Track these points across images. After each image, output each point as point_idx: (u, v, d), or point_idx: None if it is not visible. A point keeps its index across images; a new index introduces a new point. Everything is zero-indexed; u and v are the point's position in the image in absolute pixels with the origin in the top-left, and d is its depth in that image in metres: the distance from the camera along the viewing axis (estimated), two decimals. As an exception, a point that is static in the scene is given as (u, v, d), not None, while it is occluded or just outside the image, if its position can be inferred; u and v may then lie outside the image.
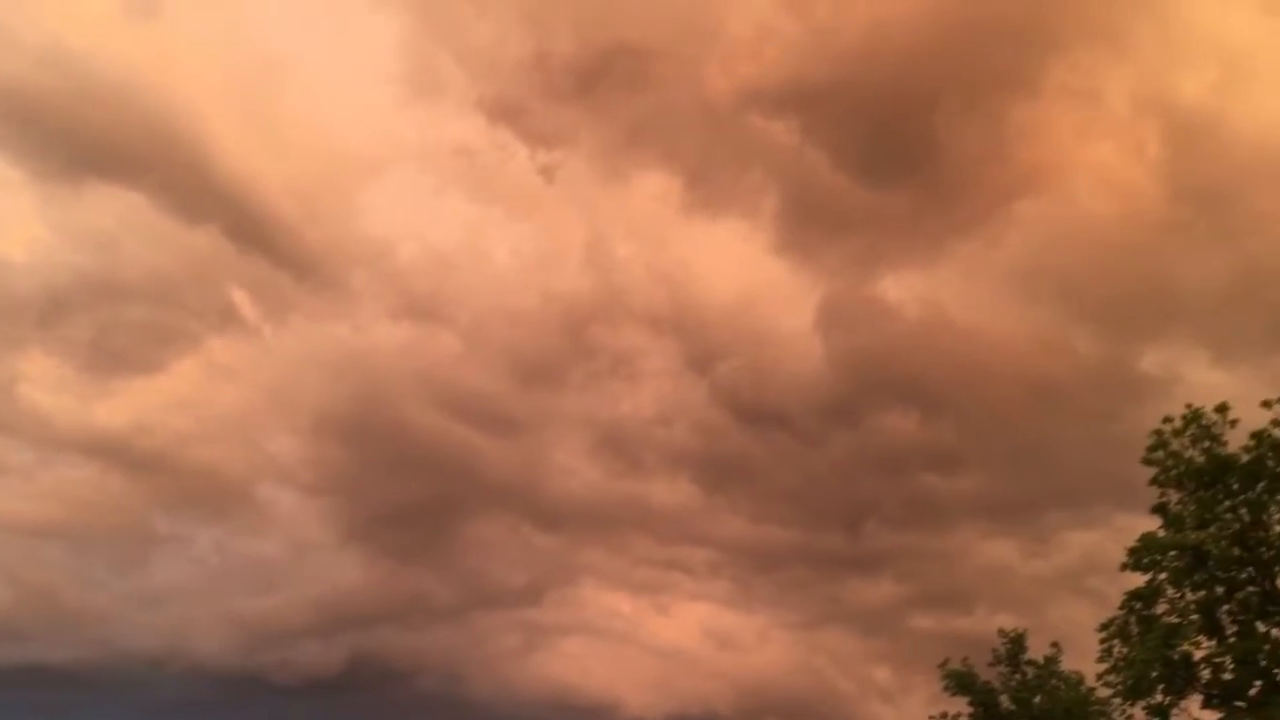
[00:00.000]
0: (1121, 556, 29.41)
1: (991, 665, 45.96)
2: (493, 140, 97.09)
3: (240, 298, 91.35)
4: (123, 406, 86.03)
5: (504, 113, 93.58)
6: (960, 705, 45.06)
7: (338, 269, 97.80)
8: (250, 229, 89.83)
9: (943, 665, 45.23)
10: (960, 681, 44.74)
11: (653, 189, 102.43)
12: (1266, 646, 27.18)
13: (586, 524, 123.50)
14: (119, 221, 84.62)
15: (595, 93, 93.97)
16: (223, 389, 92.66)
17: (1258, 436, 27.93)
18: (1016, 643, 46.06)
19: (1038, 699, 44.35)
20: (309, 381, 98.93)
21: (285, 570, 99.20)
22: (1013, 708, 44.73)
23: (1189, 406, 29.21)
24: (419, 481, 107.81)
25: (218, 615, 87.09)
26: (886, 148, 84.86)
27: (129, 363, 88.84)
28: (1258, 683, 27.67)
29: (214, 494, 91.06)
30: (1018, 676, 45.62)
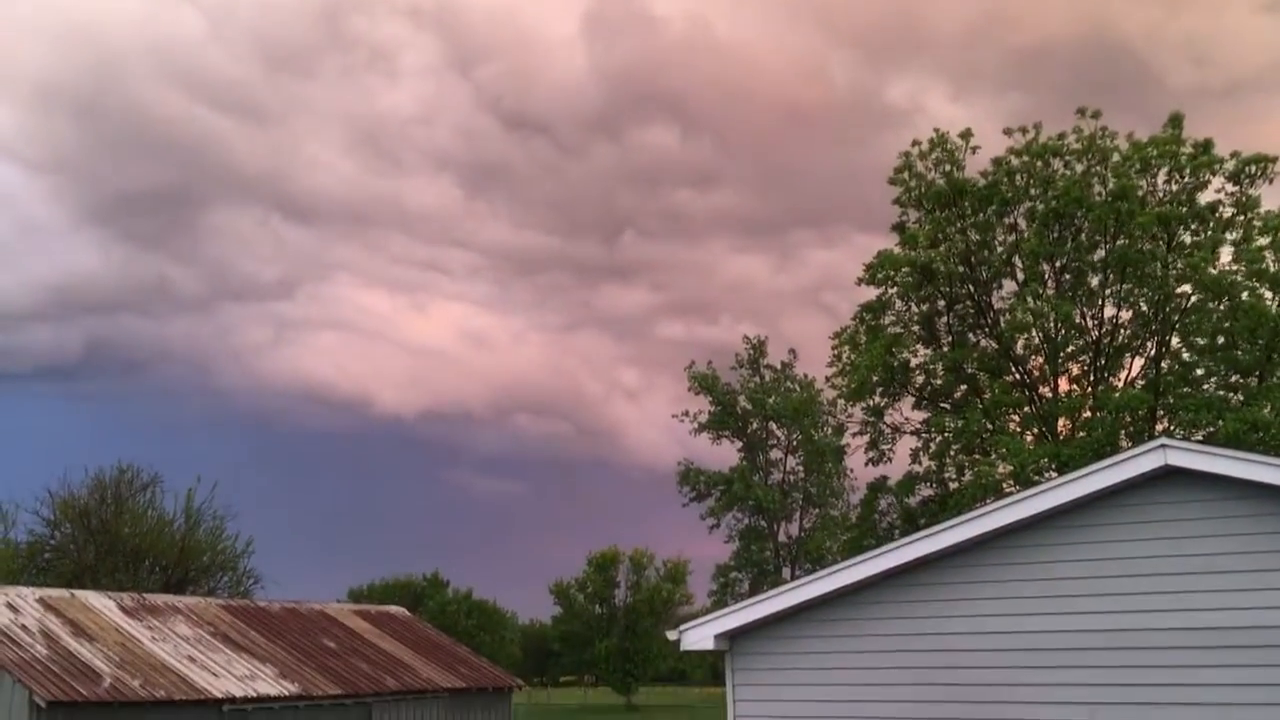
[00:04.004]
0: (856, 274, 31.05)
1: (733, 369, 48.86)
2: None
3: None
4: None
5: None
6: (701, 404, 48.03)
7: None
8: None
9: (688, 368, 47.74)
10: (703, 383, 47.44)
11: None
12: (974, 355, 29.81)
13: (342, 220, 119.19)
14: None
15: None
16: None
17: (997, 162, 29.38)
18: (758, 348, 48.96)
19: (772, 399, 47.79)
20: (30, 49, 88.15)
21: (9, 251, 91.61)
22: (749, 407, 48.09)
23: (936, 130, 30.26)
24: (159, 166, 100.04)
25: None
26: None
27: None
28: (962, 387, 30.54)
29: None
30: (756, 379, 48.80)
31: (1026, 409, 29.18)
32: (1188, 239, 27.99)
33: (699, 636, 10.68)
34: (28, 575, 34.99)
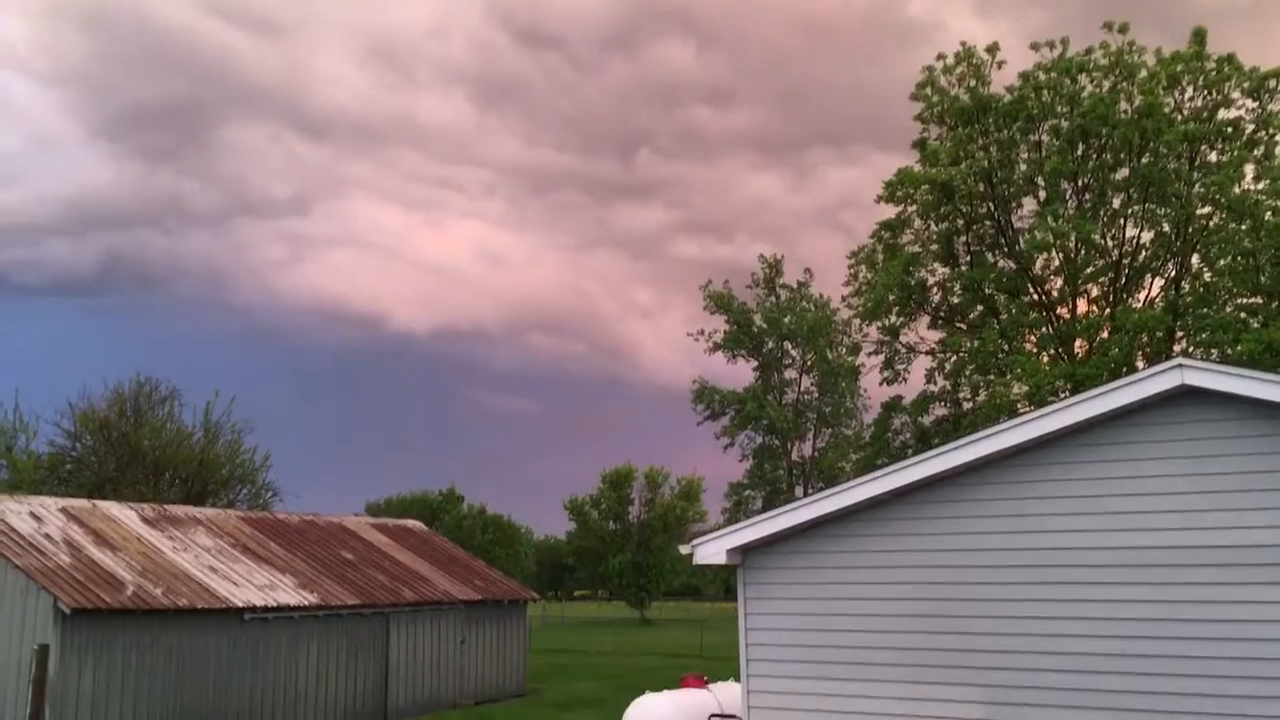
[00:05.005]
0: (875, 193, 30.68)
1: (749, 288, 48.71)
2: None
3: None
4: None
5: None
6: (717, 323, 47.99)
7: None
8: None
9: (704, 286, 47.60)
10: (720, 301, 47.35)
11: None
12: (992, 275, 29.55)
13: (355, 136, 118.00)
14: None
15: None
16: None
17: (1025, 77, 28.81)
18: (774, 268, 48.74)
19: (788, 319, 47.69)
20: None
21: (22, 164, 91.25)
22: (764, 326, 48.03)
23: (963, 44, 29.65)
24: (170, 79, 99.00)
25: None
26: None
27: None
28: (979, 307, 30.33)
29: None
30: (772, 299, 48.67)
31: (1044, 329, 29.02)
32: (1214, 157, 27.51)
33: (712, 551, 10.74)
34: (49, 486, 35.50)
